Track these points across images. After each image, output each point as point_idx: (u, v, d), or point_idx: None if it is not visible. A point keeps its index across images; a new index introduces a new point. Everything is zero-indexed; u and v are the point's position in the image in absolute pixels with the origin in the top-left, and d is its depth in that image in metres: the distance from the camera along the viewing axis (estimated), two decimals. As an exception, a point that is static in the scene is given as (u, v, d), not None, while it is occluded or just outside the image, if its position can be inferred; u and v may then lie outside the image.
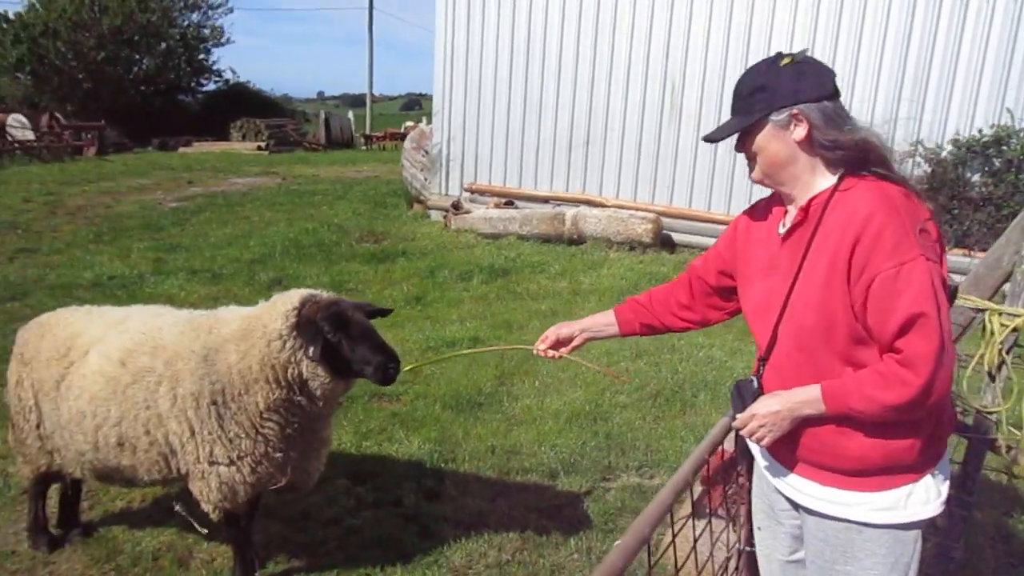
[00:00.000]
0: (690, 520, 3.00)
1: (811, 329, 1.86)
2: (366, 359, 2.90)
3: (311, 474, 3.30)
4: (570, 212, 10.43)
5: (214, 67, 35.03)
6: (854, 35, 9.37)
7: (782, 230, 1.98)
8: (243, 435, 3.02)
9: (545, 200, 11.22)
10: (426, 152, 12.82)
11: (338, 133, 31.58)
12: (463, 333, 6.77)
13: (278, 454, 3.08)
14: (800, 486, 2.01)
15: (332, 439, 3.52)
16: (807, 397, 1.85)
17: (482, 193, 11.84)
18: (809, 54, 1.94)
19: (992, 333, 2.76)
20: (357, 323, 2.94)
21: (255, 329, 2.98)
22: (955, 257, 8.12)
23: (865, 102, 9.26)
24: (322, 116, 32.44)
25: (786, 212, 2.00)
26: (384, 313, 3.22)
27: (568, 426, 4.98)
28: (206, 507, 3.17)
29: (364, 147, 31.88)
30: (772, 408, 1.89)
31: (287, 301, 2.99)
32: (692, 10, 10.15)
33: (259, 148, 26.35)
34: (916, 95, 9.16)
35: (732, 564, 2.84)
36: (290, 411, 3.02)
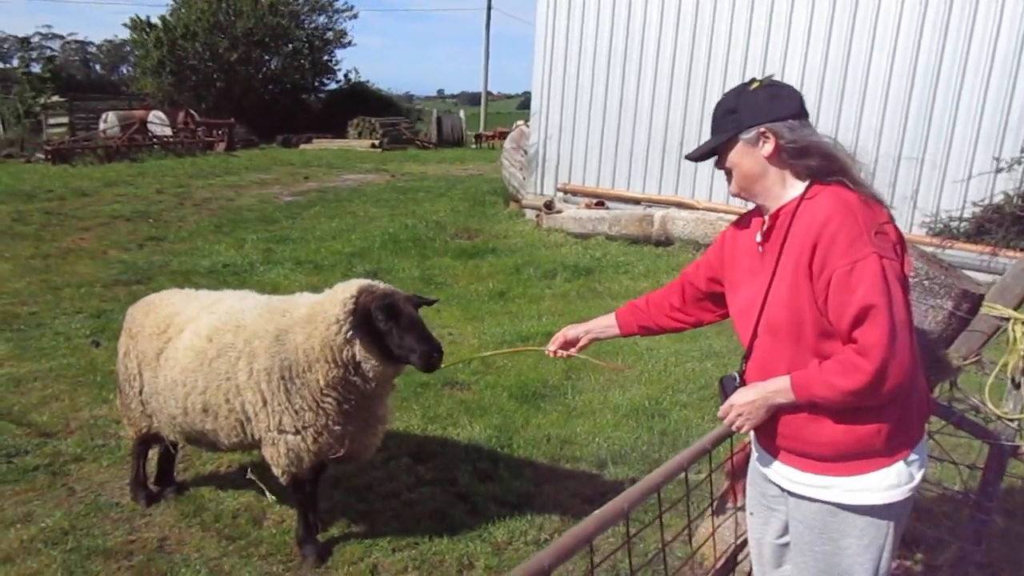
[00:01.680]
0: (709, 512, 3.16)
1: (783, 325, 2.04)
2: (412, 347, 3.20)
3: (368, 447, 3.65)
4: (659, 214, 10.50)
5: (336, 67, 36.76)
6: (973, 31, 9.04)
7: (759, 239, 2.16)
8: (307, 408, 3.40)
9: (636, 202, 11.33)
10: (524, 152, 13.15)
11: (449, 131, 32.47)
12: (539, 328, 7.03)
13: (337, 427, 3.44)
14: (784, 472, 2.19)
15: (390, 419, 3.85)
16: (778, 387, 2.03)
17: (575, 193, 12.06)
18: (777, 79, 2.13)
19: (1015, 341, 2.79)
20: (407, 314, 3.24)
21: (318, 314, 3.35)
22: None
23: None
24: (434, 115, 33.42)
25: (764, 222, 2.17)
26: (429, 303, 3.50)
27: (625, 420, 5.16)
28: (276, 471, 3.58)
29: (474, 145, 32.64)
30: (747, 398, 2.08)
31: (346, 290, 3.34)
32: (792, 13, 10.03)
33: (373, 146, 27.47)
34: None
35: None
36: (347, 389, 3.36)
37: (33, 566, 3.53)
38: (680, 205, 10.84)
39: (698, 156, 2.19)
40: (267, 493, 3.80)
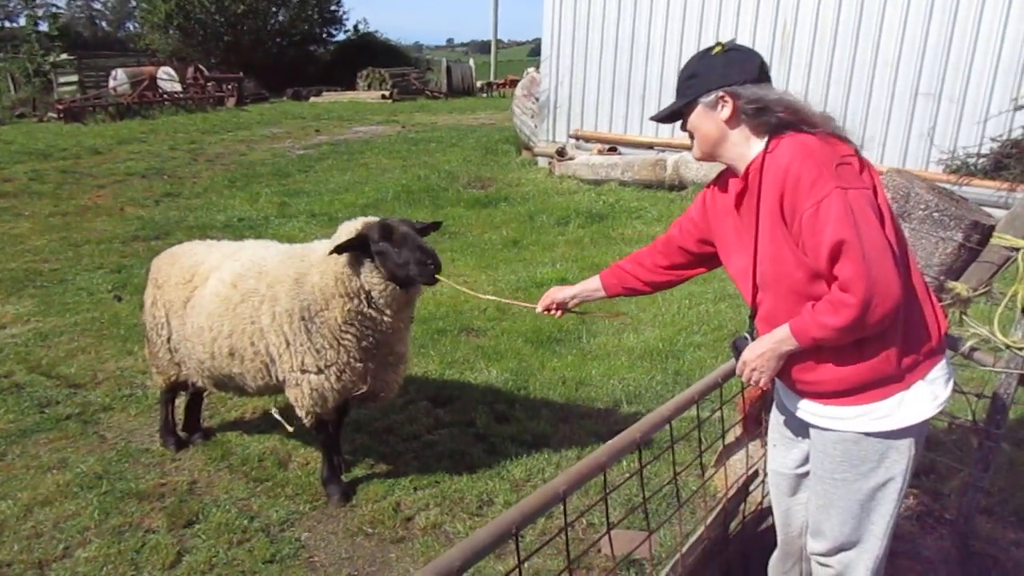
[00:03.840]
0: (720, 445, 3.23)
1: (774, 277, 2.10)
2: (407, 259, 3.27)
3: (390, 385, 3.74)
4: (672, 158, 10.43)
5: (344, 18, 36.25)
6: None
7: (734, 200, 2.20)
8: (327, 346, 3.48)
9: (649, 146, 11.24)
10: (536, 99, 13.01)
11: (459, 81, 32.10)
12: (553, 275, 7.09)
13: (358, 364, 3.52)
14: (805, 406, 2.25)
15: (409, 358, 3.93)
16: (781, 336, 2.09)
17: (587, 139, 11.97)
18: (738, 42, 2.17)
19: (1024, 272, 2.80)
20: (401, 232, 3.31)
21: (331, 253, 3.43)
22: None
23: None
24: (444, 64, 32.98)
25: (736, 183, 2.21)
26: (434, 227, 3.57)
27: (640, 362, 5.24)
28: (300, 412, 3.68)
29: (484, 94, 32.28)
30: (757, 352, 2.14)
31: (351, 225, 3.44)
32: (807, -54, 9.78)
33: (383, 97, 27.26)
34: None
35: (764, 485, 3.08)
36: (364, 324, 3.44)
37: (71, 508, 3.68)
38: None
39: (661, 118, 2.23)
40: (287, 425, 3.90)
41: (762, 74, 2.09)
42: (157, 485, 3.92)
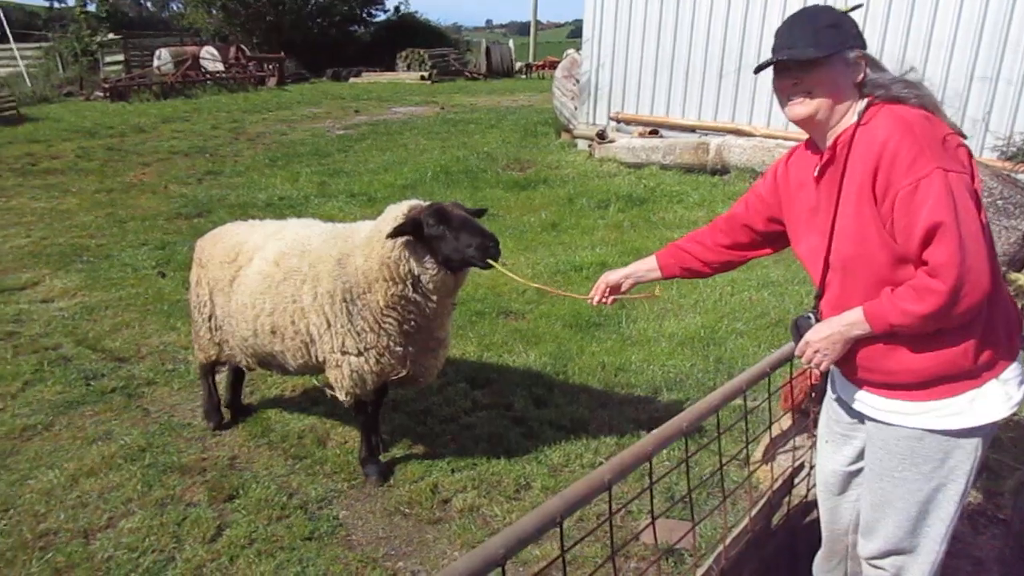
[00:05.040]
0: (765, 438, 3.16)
1: (853, 258, 1.97)
2: (468, 243, 3.20)
3: (429, 370, 3.72)
4: (715, 141, 10.24)
5: (384, -2, 36.18)
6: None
7: (816, 173, 2.08)
8: (368, 329, 3.47)
9: (691, 130, 11.05)
10: (576, 81, 12.87)
11: (498, 62, 31.92)
12: (592, 259, 7.01)
13: (398, 348, 3.51)
14: (867, 400, 2.13)
15: (450, 343, 3.91)
16: (853, 319, 1.97)
17: (628, 122, 11.81)
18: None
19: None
20: (457, 216, 3.25)
21: (375, 235, 3.40)
22: None
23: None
24: (483, 45, 32.84)
25: (820, 155, 2.08)
26: (479, 213, 3.50)
27: (680, 348, 5.16)
28: (339, 393, 3.69)
29: (523, 76, 32.08)
30: (823, 334, 2.03)
31: (398, 208, 3.39)
32: (860, -76, 9.47)
33: (422, 78, 27.21)
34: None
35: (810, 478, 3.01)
36: (406, 308, 3.41)
37: (115, 479, 3.74)
38: (737, 132, 10.53)
39: (786, 61, 1.97)
40: (332, 394, 3.85)
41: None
42: (198, 459, 3.97)
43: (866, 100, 1.96)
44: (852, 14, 2.00)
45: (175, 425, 4.31)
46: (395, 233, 3.23)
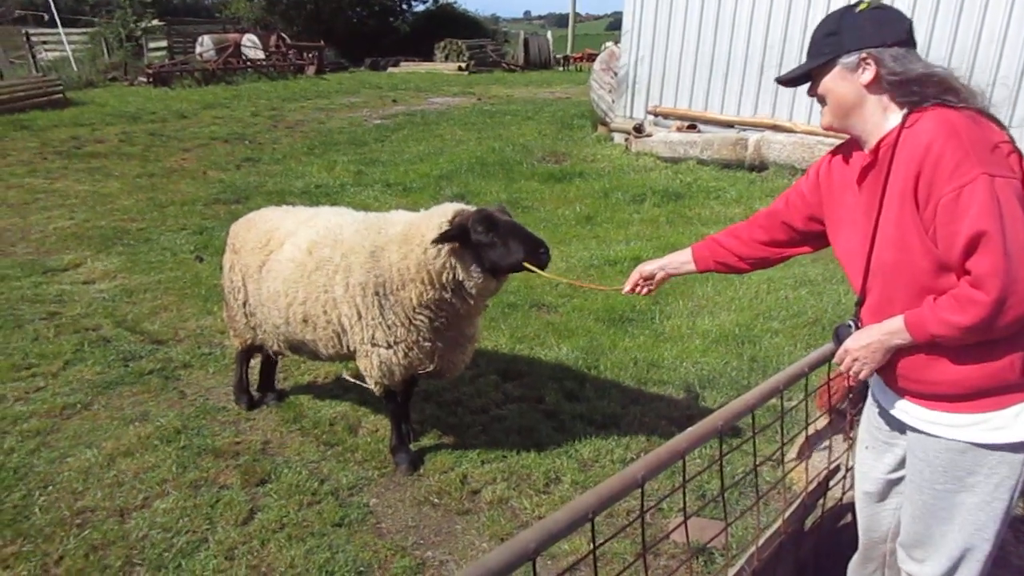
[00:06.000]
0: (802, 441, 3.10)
1: (894, 265, 1.92)
2: (519, 249, 3.19)
3: (456, 365, 3.72)
4: (753, 137, 10.10)
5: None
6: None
7: (859, 175, 2.02)
8: (399, 324, 3.47)
9: (729, 125, 10.91)
10: (615, 74, 12.77)
11: (536, 54, 31.84)
12: (627, 253, 6.96)
13: (427, 343, 3.51)
14: (908, 409, 2.07)
15: (479, 338, 3.90)
16: (893, 328, 1.92)
17: (666, 116, 11.69)
18: (886, 2, 1.96)
19: None
20: (504, 222, 3.24)
21: (414, 236, 3.37)
22: None
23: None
24: (521, 37, 32.77)
25: (863, 157, 2.02)
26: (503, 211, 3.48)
27: (714, 346, 5.10)
28: (369, 382, 3.71)
29: (560, 68, 31.96)
30: (862, 342, 1.98)
31: (442, 214, 3.34)
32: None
33: (460, 68, 27.25)
34: None
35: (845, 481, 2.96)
36: (440, 308, 3.41)
37: (151, 460, 3.81)
38: (776, 128, 10.37)
39: (791, 79, 2.05)
40: (356, 382, 3.90)
41: (910, 38, 1.92)
42: (232, 443, 4.02)
43: (908, 102, 1.90)
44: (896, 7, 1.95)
45: (210, 408, 4.36)
46: (441, 239, 3.20)
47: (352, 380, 3.98)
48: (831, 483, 2.97)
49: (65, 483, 3.61)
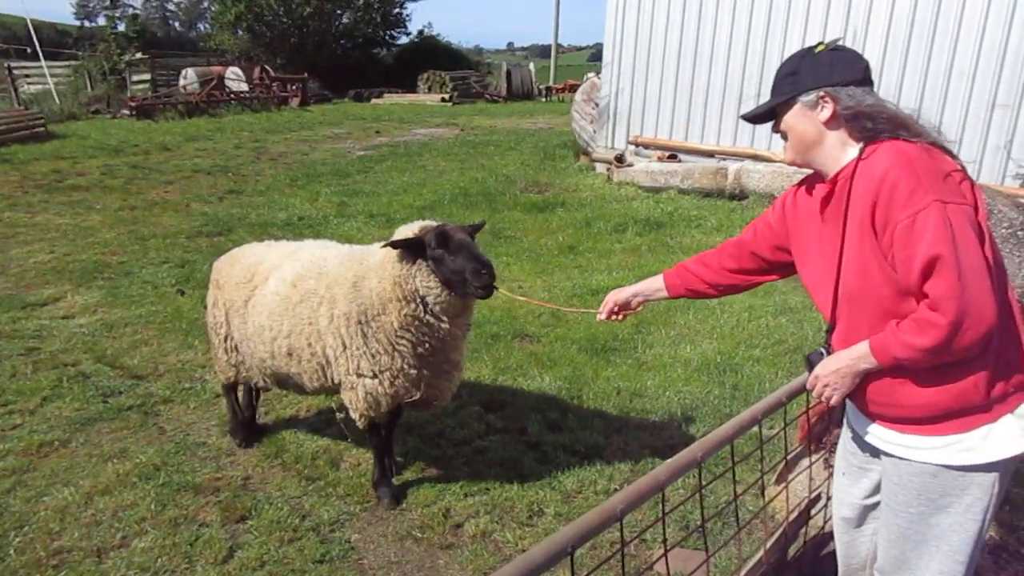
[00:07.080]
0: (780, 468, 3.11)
1: (859, 292, 1.98)
2: (463, 267, 3.24)
3: (443, 393, 3.72)
4: (733, 167, 10.23)
5: (407, 20, 36.68)
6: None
7: (820, 206, 2.10)
8: (383, 351, 3.48)
9: (710, 154, 11.05)
10: (595, 104, 12.93)
11: (519, 85, 32.17)
12: (609, 282, 6.99)
13: (412, 370, 3.51)
14: (880, 434, 2.11)
15: (464, 366, 3.90)
16: (859, 353, 1.97)
17: (647, 146, 11.83)
18: (842, 43, 2.07)
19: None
20: (458, 240, 3.29)
21: (388, 257, 3.42)
22: None
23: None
24: (504, 68, 33.15)
25: (824, 188, 2.10)
26: (477, 228, 3.53)
27: (696, 375, 5.12)
28: (354, 415, 3.69)
29: (543, 98, 32.28)
30: (831, 368, 2.03)
31: (408, 229, 3.43)
32: (881, -48, 9.49)
33: (443, 100, 27.46)
34: None
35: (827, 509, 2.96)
36: (420, 330, 3.42)
37: (129, 498, 3.76)
38: (755, 157, 10.52)
39: (754, 117, 2.14)
40: (348, 432, 3.94)
41: (866, 77, 2.00)
42: (212, 479, 3.97)
43: (864, 136, 1.97)
44: (853, 46, 2.03)
45: (190, 444, 4.32)
46: (394, 244, 3.32)
47: (342, 426, 3.99)
48: (813, 512, 2.98)
49: (41, 523, 3.56)
